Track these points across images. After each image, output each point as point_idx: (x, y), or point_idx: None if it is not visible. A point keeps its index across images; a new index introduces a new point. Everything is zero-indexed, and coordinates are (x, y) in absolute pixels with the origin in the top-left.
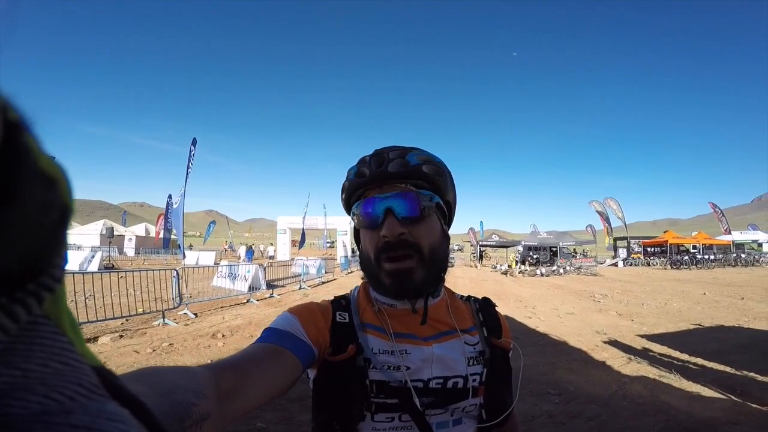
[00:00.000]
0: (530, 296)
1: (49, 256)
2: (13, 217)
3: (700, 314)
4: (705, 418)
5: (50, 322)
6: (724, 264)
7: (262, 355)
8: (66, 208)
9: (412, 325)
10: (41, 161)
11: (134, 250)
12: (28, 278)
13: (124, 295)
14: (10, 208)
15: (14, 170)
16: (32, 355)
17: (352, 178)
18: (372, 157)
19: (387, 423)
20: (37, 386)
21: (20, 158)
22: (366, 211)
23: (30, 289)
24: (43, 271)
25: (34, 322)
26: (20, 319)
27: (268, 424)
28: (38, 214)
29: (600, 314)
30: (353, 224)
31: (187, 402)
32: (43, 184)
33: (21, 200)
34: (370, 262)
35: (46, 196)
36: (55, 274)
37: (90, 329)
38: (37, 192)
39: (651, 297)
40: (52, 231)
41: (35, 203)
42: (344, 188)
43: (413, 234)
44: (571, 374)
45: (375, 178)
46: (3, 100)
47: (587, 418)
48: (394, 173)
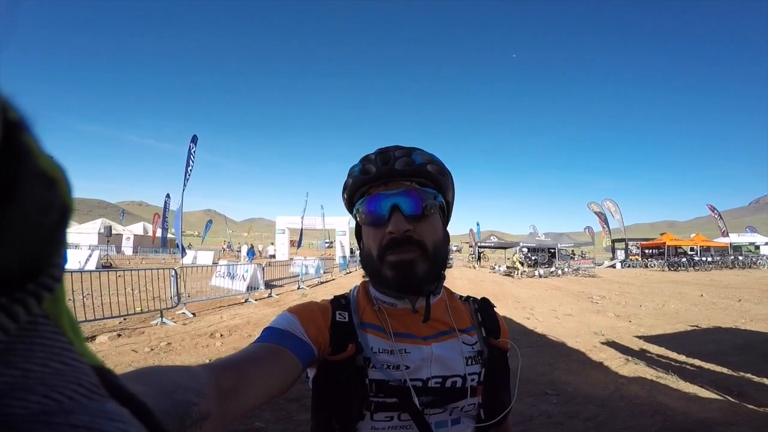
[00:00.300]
0: (528, 297)
1: (49, 256)
2: (12, 217)
3: (697, 316)
4: (701, 419)
5: (50, 322)
6: (721, 266)
7: (262, 354)
8: (65, 208)
9: (411, 324)
10: (41, 161)
11: (132, 249)
12: (27, 278)
13: (122, 294)
14: (10, 208)
15: (14, 170)
16: (32, 355)
17: (356, 174)
18: (377, 155)
19: (386, 422)
20: (37, 386)
21: (20, 158)
22: (371, 207)
23: (30, 289)
24: (42, 271)
25: (33, 322)
26: (20, 318)
27: (266, 423)
28: (38, 214)
29: (598, 315)
30: (353, 222)
31: (187, 401)
32: (43, 184)
33: (21, 200)
34: (373, 259)
35: (46, 196)
36: (55, 274)
37: (88, 328)
38: (36, 192)
39: (648, 298)
40: (51, 231)
41: (35, 203)
42: (347, 185)
43: (417, 231)
44: (569, 375)
45: (381, 175)
46: (2, 100)
47: (585, 418)
48: (401, 171)
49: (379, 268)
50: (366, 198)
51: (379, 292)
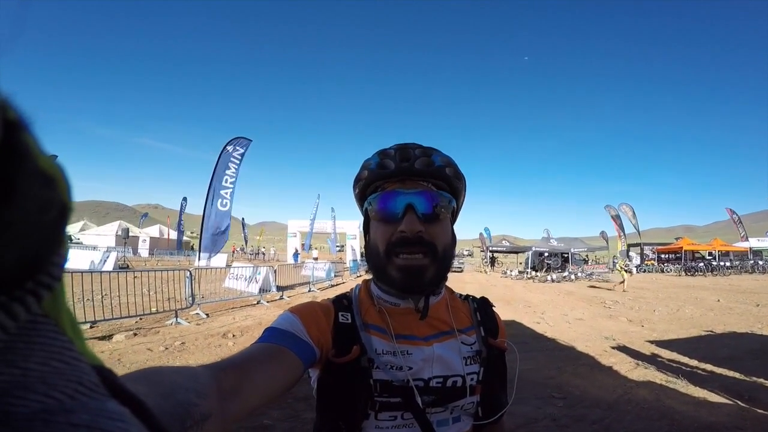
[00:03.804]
0: (540, 302)
1: (48, 254)
2: (12, 216)
3: (712, 321)
4: (709, 423)
5: (50, 321)
6: (740, 271)
7: (263, 354)
8: (65, 207)
9: (413, 324)
10: (40, 160)
11: (148, 251)
12: (27, 277)
13: (138, 294)
14: (10, 206)
15: (13, 169)
16: (32, 353)
17: (373, 168)
18: (397, 151)
19: (390, 421)
20: (38, 385)
21: (19, 157)
22: (385, 204)
23: (29, 288)
24: (42, 270)
25: (33, 320)
26: (20, 317)
27: (274, 421)
28: (37, 213)
29: (610, 320)
30: (362, 216)
31: (188, 402)
32: (42, 183)
33: (20, 199)
34: (379, 254)
35: (45, 195)
36: (54, 273)
37: (105, 327)
38: (36, 191)
39: (663, 303)
40: (50, 230)
41: (34, 202)
42: (361, 177)
43: (429, 233)
44: (577, 379)
45: (400, 172)
46: (2, 100)
47: (591, 421)
48: (420, 171)
49: (384, 265)
50: (380, 193)
51: (381, 291)
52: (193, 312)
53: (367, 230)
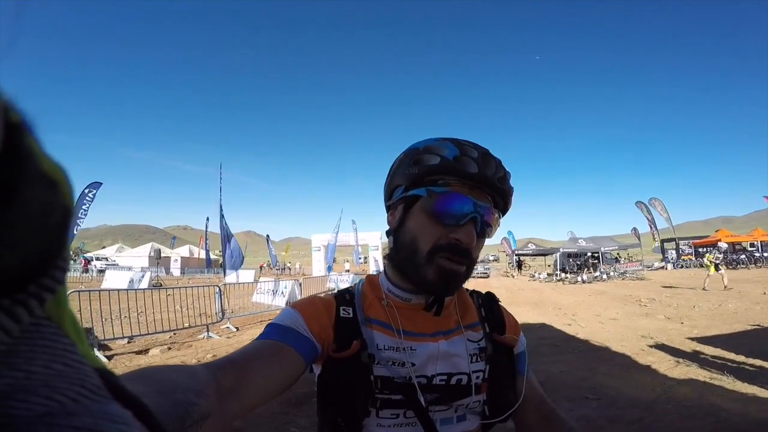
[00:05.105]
0: (571, 303)
1: (50, 257)
2: (14, 219)
3: (759, 314)
4: (760, 420)
5: (52, 324)
6: None
7: (262, 351)
8: (67, 210)
9: (419, 320)
10: (43, 163)
11: (180, 270)
12: (29, 280)
13: (171, 311)
14: (12, 209)
15: (16, 172)
16: (35, 356)
17: (449, 158)
18: (481, 156)
19: (392, 419)
20: (40, 388)
21: (22, 160)
22: (451, 204)
23: (31, 291)
24: (44, 273)
25: (36, 323)
26: (22, 320)
27: (300, 429)
28: (39, 215)
29: (646, 318)
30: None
31: (187, 401)
32: (45, 186)
33: (22, 202)
34: (417, 252)
35: (48, 198)
36: (57, 276)
37: (142, 342)
38: (38, 194)
39: (703, 299)
40: (53, 233)
41: (37, 205)
42: (427, 162)
43: (475, 246)
44: (612, 379)
45: (479, 179)
46: (4, 102)
47: (628, 422)
48: (498, 188)
49: (422, 264)
50: (449, 191)
51: (393, 285)
52: (223, 326)
53: (403, 219)
